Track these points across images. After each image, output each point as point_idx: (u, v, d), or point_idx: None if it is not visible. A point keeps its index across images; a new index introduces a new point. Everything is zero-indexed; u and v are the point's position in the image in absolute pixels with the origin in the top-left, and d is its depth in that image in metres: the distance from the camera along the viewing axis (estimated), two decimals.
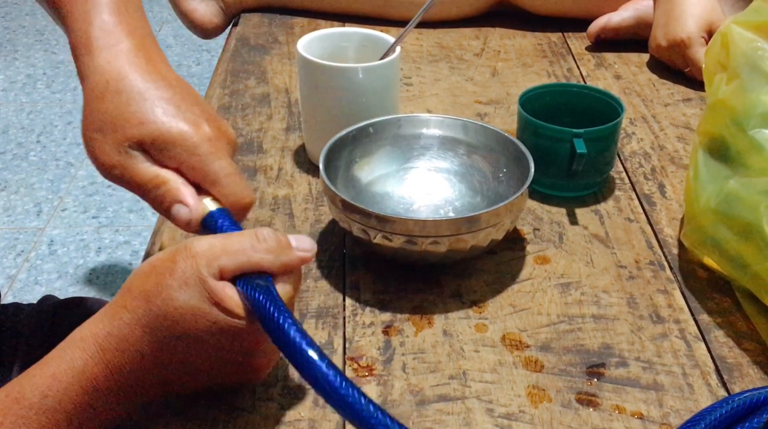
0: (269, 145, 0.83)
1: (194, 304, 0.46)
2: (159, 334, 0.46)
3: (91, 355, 0.46)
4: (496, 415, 0.54)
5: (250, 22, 1.12)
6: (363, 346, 0.59)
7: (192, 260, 0.46)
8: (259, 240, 0.48)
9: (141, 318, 0.46)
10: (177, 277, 0.46)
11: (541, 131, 0.72)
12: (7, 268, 1.90)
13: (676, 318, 0.62)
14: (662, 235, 0.71)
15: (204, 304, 0.46)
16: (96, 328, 0.47)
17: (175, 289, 0.46)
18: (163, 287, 0.46)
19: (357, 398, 0.42)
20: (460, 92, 0.94)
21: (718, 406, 0.50)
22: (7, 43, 2.98)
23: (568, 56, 1.03)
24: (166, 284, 0.46)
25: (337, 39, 0.79)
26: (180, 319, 0.46)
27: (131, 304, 0.47)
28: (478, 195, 0.71)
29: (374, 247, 0.63)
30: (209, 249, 0.47)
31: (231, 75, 0.97)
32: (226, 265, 0.47)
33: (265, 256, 0.48)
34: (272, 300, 0.46)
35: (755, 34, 0.61)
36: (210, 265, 0.47)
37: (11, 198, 2.14)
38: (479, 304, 0.63)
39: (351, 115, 0.74)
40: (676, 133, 0.86)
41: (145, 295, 0.46)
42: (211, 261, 0.47)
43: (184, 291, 0.46)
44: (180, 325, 0.46)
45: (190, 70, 2.82)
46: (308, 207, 0.74)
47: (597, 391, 0.56)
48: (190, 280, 0.46)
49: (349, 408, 0.42)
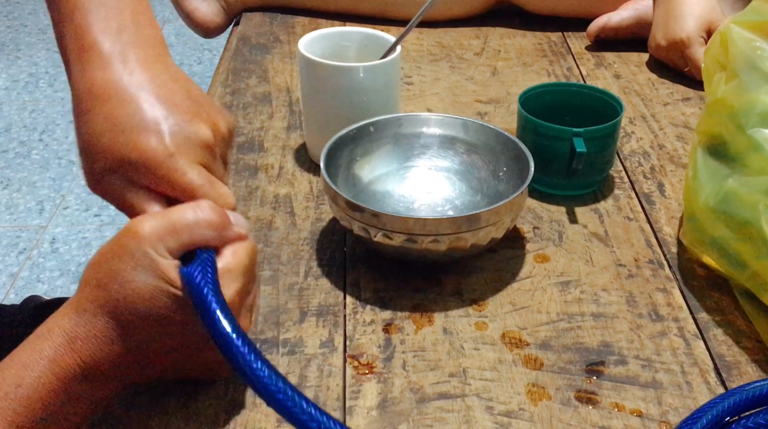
0: (270, 144, 0.83)
1: (150, 282, 0.47)
2: (123, 318, 0.47)
3: (59, 344, 0.47)
4: (495, 413, 0.54)
5: (252, 21, 1.12)
6: (363, 344, 0.59)
7: (139, 243, 0.47)
8: (201, 214, 0.49)
9: (103, 306, 0.47)
10: (127, 260, 0.47)
11: (541, 130, 0.72)
12: (9, 265, 1.91)
13: (675, 316, 0.62)
14: (661, 234, 0.71)
15: (159, 282, 0.47)
16: (62, 321, 0.48)
17: (129, 272, 0.47)
18: (116, 273, 0.47)
19: (260, 367, 0.44)
20: (461, 91, 0.95)
21: (718, 400, 0.50)
22: (9, 41, 2.99)
23: (567, 56, 1.03)
24: (119, 269, 0.47)
25: (338, 38, 0.80)
26: (139, 300, 0.47)
27: (91, 295, 0.48)
28: (478, 193, 0.72)
29: (375, 246, 0.63)
30: (154, 230, 0.48)
31: (232, 74, 0.98)
32: (172, 246, 0.48)
33: (207, 233, 0.49)
34: (207, 283, 0.47)
35: (754, 34, 0.61)
36: (157, 246, 0.47)
37: (14, 196, 2.15)
38: (479, 302, 0.63)
39: (352, 113, 0.74)
40: (676, 132, 0.86)
41: (102, 284, 0.47)
42: (158, 242, 0.47)
43: (137, 272, 0.47)
44: (140, 305, 0.47)
45: (192, 68, 2.83)
46: (309, 205, 0.74)
47: (596, 388, 0.56)
48: (141, 261, 0.47)
49: (257, 380, 0.44)
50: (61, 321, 0.48)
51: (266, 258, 0.68)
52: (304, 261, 0.67)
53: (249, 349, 0.45)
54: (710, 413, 0.49)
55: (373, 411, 0.54)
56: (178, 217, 0.49)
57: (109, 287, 0.47)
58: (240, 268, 0.50)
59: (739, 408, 0.50)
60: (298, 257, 0.68)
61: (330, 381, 0.56)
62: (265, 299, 0.63)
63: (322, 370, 0.57)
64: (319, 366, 0.57)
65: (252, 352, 0.45)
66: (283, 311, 0.62)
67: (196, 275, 0.47)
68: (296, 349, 0.59)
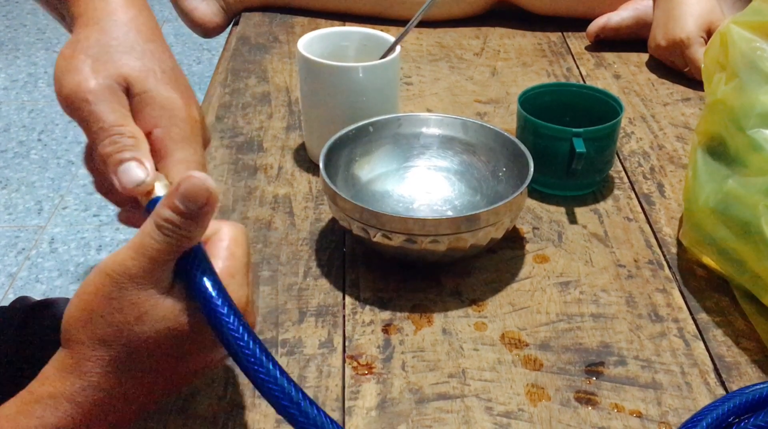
0: (270, 144, 0.83)
1: (159, 328, 0.44)
2: (137, 371, 0.44)
3: (65, 413, 0.43)
4: (495, 414, 0.54)
5: (251, 21, 1.12)
6: (363, 344, 0.59)
7: (134, 289, 0.44)
8: (161, 234, 0.44)
9: (110, 364, 0.44)
10: (128, 312, 0.43)
11: (541, 130, 0.72)
12: (8, 266, 1.90)
13: (675, 317, 0.62)
14: (661, 235, 0.71)
15: (169, 322, 0.44)
16: (65, 385, 0.44)
17: (134, 325, 0.44)
18: (119, 328, 0.44)
19: (247, 342, 0.43)
20: (460, 91, 0.94)
21: (719, 403, 0.50)
22: (8, 41, 2.99)
23: (567, 56, 1.03)
24: (122, 323, 0.44)
25: (338, 38, 0.80)
26: (153, 348, 0.44)
27: (93, 355, 0.44)
28: (478, 194, 0.72)
29: (374, 246, 0.63)
30: (140, 268, 0.43)
31: (231, 74, 0.98)
32: (167, 268, 0.44)
33: (187, 243, 0.44)
34: (216, 295, 0.44)
35: (754, 34, 0.61)
36: (154, 283, 0.44)
37: (12, 196, 2.15)
38: (478, 302, 0.63)
39: (351, 114, 0.74)
40: (675, 132, 0.86)
41: (104, 342, 0.44)
42: (151, 279, 0.44)
43: (144, 321, 0.44)
44: (155, 352, 0.44)
45: (191, 68, 2.83)
46: (308, 205, 0.74)
47: (596, 389, 0.56)
48: (143, 306, 0.44)
49: (243, 357, 0.43)
50: (63, 385, 0.44)
51: (265, 258, 0.67)
52: (303, 261, 0.67)
53: (273, 366, 0.43)
54: (710, 416, 0.49)
55: (373, 411, 0.54)
56: (150, 247, 0.44)
57: (114, 346, 0.44)
58: (242, 270, 0.48)
59: (739, 411, 0.50)
60: (297, 257, 0.68)
61: (329, 381, 0.56)
62: (264, 299, 0.63)
63: (321, 370, 0.57)
64: (318, 366, 0.57)
65: (275, 367, 0.43)
66: (282, 311, 0.62)
67: (203, 289, 0.44)
68: (295, 349, 0.59)
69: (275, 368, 0.43)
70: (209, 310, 0.44)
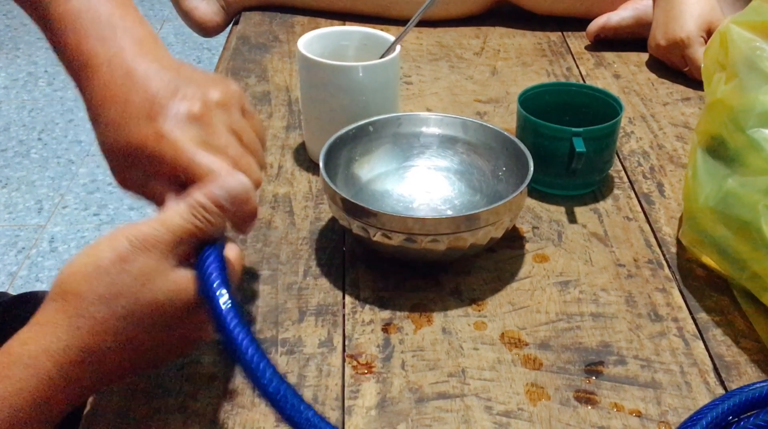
0: (270, 143, 0.83)
1: (160, 299, 0.45)
2: (128, 334, 0.45)
3: (46, 373, 0.43)
4: (494, 413, 0.54)
5: (251, 20, 1.12)
6: (362, 343, 0.59)
7: (148, 256, 0.45)
8: (190, 215, 0.47)
9: (104, 323, 0.44)
10: (136, 275, 0.44)
11: (541, 130, 0.72)
12: (8, 265, 1.90)
13: (675, 316, 0.62)
14: (661, 234, 0.71)
15: (172, 295, 0.45)
16: (47, 342, 0.43)
17: (138, 289, 0.44)
18: (122, 290, 0.44)
19: (243, 336, 0.44)
20: (460, 91, 0.95)
21: (719, 402, 0.50)
22: (8, 40, 2.99)
23: (567, 55, 1.03)
24: (127, 285, 0.44)
25: (338, 37, 0.80)
26: (150, 314, 0.45)
27: (88, 311, 0.44)
28: (478, 193, 0.72)
29: (374, 245, 0.63)
30: (160, 239, 0.46)
31: (232, 73, 0.98)
32: (180, 253, 0.46)
33: (201, 229, 0.47)
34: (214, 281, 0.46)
35: (754, 34, 0.61)
36: (167, 256, 0.45)
37: (12, 195, 2.15)
38: (478, 302, 0.63)
39: (351, 113, 0.74)
40: (675, 132, 0.86)
41: (104, 300, 0.44)
42: (167, 251, 0.45)
43: (149, 288, 0.45)
44: (150, 318, 0.45)
45: None
46: (308, 205, 0.74)
47: (595, 389, 0.56)
48: (152, 274, 0.45)
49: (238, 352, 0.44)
50: (46, 342, 0.44)
51: (265, 257, 0.67)
52: (303, 260, 0.67)
53: (270, 372, 0.44)
54: (709, 415, 0.49)
55: (372, 411, 0.54)
56: (178, 225, 0.46)
57: (114, 304, 0.44)
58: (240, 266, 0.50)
59: (738, 410, 0.50)
60: (297, 257, 0.68)
61: (329, 381, 0.56)
62: (264, 298, 0.63)
63: (320, 369, 0.57)
64: (318, 365, 0.57)
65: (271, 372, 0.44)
66: (281, 310, 0.62)
67: (212, 284, 0.46)
68: (295, 348, 0.59)
69: (287, 392, 0.44)
70: (225, 332, 0.45)
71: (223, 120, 0.53)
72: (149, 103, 0.51)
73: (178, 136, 0.51)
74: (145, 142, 0.51)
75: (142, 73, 0.53)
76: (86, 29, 0.54)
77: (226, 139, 0.53)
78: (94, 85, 0.53)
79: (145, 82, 0.52)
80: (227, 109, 0.54)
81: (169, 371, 0.56)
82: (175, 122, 0.51)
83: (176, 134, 0.51)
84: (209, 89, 0.53)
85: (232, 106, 0.54)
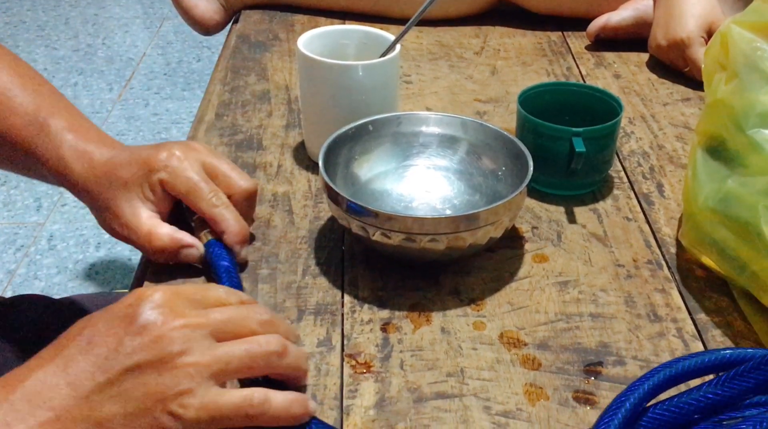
0: (269, 142, 0.83)
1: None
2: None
3: None
4: (493, 413, 0.54)
5: (251, 19, 1.12)
6: (361, 343, 0.59)
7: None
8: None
9: None
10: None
11: (541, 130, 0.72)
12: (7, 262, 1.90)
13: (674, 317, 0.62)
14: (660, 235, 0.71)
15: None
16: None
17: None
18: None
19: None
20: (460, 90, 0.94)
21: (638, 383, 0.49)
22: (8, 38, 2.98)
23: (567, 55, 1.03)
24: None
25: (338, 36, 0.80)
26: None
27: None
28: (477, 193, 0.71)
29: (373, 245, 0.63)
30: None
31: (231, 72, 0.98)
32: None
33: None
34: None
35: (755, 34, 0.61)
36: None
37: (11, 193, 2.14)
38: (477, 301, 0.63)
39: (351, 112, 0.74)
40: (675, 132, 0.86)
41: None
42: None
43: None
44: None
45: (191, 66, 2.82)
46: (307, 204, 0.74)
47: (594, 389, 0.56)
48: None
49: None
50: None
51: (264, 256, 0.67)
52: (302, 259, 0.67)
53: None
54: (632, 396, 0.48)
55: (371, 410, 0.54)
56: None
57: None
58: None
59: (658, 389, 0.49)
60: (296, 256, 0.68)
61: (327, 380, 0.56)
62: (263, 297, 0.63)
63: (319, 368, 0.57)
64: (317, 365, 0.57)
65: None
66: (280, 310, 0.62)
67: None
68: None
69: None
70: None
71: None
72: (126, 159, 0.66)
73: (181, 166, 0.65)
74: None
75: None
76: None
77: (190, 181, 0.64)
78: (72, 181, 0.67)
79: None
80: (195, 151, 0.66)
81: None
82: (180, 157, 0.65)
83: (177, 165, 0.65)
84: (193, 146, 0.67)
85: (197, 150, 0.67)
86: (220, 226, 0.64)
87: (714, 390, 0.47)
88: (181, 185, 0.63)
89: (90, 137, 0.67)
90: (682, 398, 0.48)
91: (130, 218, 0.63)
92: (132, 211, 0.63)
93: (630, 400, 0.47)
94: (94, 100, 2.59)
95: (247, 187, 0.66)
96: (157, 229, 0.63)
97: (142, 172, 0.63)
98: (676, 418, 0.47)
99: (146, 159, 0.64)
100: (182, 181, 0.63)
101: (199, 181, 0.63)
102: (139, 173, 0.63)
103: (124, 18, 3.18)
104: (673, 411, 0.48)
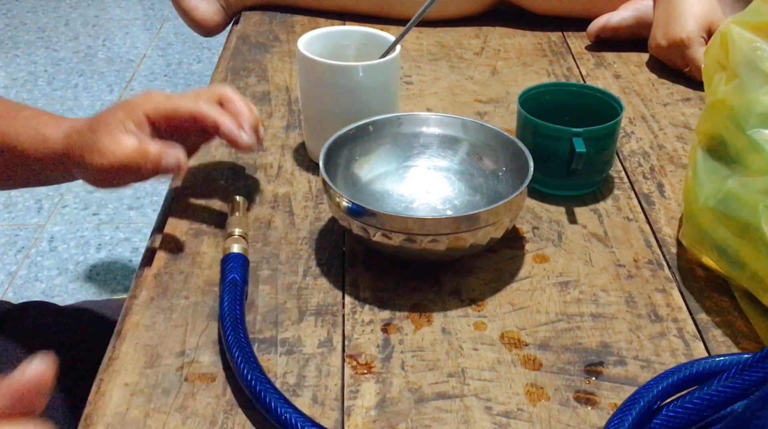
0: (269, 143, 0.83)
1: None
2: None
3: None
4: (494, 413, 0.54)
5: (251, 20, 1.12)
6: (362, 343, 0.59)
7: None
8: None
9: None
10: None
11: (541, 130, 0.72)
12: (8, 264, 1.90)
13: (675, 317, 0.62)
14: (661, 235, 0.71)
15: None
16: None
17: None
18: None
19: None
20: (460, 91, 0.94)
21: (653, 383, 0.49)
22: (8, 39, 2.99)
23: (567, 55, 1.03)
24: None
25: (338, 37, 0.80)
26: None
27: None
28: (478, 193, 0.72)
29: (374, 245, 0.63)
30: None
31: (232, 73, 0.98)
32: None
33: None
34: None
35: (755, 34, 0.61)
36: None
37: (12, 194, 2.14)
38: (478, 302, 0.63)
39: (351, 113, 0.74)
40: (675, 132, 0.86)
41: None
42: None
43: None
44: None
45: (191, 67, 2.83)
46: (308, 205, 0.74)
47: (595, 389, 0.56)
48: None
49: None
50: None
51: (265, 257, 0.67)
52: (303, 260, 0.67)
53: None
54: (643, 399, 0.48)
55: (372, 411, 0.54)
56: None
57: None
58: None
59: (671, 392, 0.49)
60: (297, 256, 0.68)
61: (328, 381, 0.56)
62: (264, 298, 0.63)
63: (320, 369, 0.57)
64: (318, 366, 0.57)
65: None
66: (281, 310, 0.62)
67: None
68: (294, 348, 0.59)
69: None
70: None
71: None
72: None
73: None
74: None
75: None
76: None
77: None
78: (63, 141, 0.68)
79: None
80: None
81: (169, 371, 0.56)
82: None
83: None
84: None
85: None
86: (207, 120, 0.66)
87: (725, 384, 0.47)
88: (164, 106, 0.66)
89: (62, 117, 0.70)
90: (694, 395, 0.48)
91: (110, 146, 0.64)
92: (111, 140, 0.64)
93: (645, 398, 0.48)
94: (94, 101, 2.59)
95: (217, 92, 0.70)
96: (137, 143, 0.64)
97: (123, 112, 0.65)
98: (690, 415, 0.47)
99: (126, 101, 0.67)
100: (165, 103, 0.66)
101: (179, 96, 0.67)
102: (120, 113, 0.65)
103: (124, 19, 3.18)
104: (687, 408, 0.47)
